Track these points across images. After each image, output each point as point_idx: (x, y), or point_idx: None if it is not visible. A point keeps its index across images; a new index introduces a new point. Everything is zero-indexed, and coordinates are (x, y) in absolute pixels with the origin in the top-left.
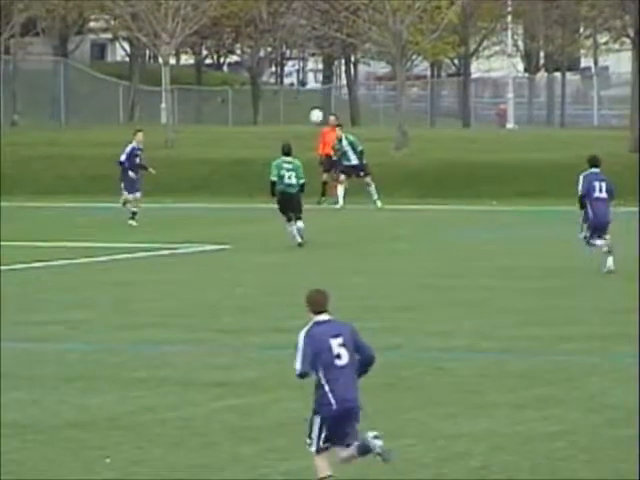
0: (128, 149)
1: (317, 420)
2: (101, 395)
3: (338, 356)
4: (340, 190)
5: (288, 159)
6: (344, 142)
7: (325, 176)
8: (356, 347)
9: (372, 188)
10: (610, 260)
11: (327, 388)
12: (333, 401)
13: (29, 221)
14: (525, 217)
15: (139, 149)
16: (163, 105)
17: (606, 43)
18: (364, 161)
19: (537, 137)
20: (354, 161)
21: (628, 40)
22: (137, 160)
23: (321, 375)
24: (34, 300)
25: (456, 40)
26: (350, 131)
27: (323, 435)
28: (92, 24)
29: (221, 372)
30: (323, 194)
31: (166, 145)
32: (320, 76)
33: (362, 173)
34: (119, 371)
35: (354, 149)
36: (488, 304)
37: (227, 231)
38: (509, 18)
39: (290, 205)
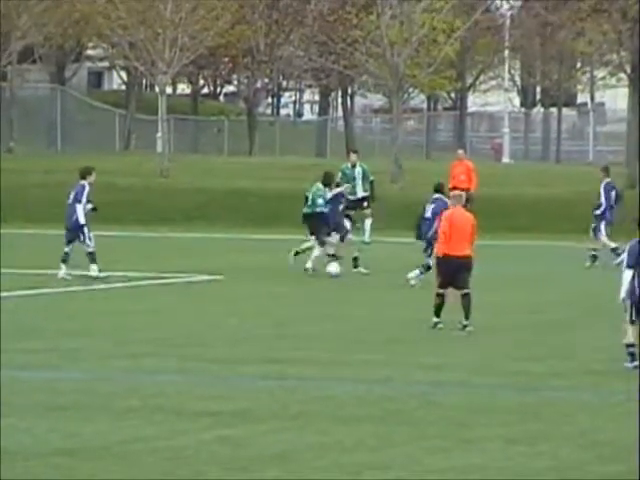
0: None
1: None
2: (92, 423)
3: None
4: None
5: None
6: (357, 169)
7: None
8: None
9: (369, 221)
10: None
11: None
12: None
13: (24, 248)
14: (519, 252)
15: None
16: (159, 134)
17: (603, 79)
18: (374, 192)
19: (532, 172)
20: (360, 193)
21: (625, 76)
22: (340, 207)
23: None
24: (28, 328)
25: (453, 74)
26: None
27: None
28: (89, 52)
29: (213, 402)
30: None
31: (161, 174)
32: (316, 108)
33: (365, 204)
34: (111, 400)
35: (365, 178)
36: (479, 338)
37: (221, 261)
38: (506, 53)
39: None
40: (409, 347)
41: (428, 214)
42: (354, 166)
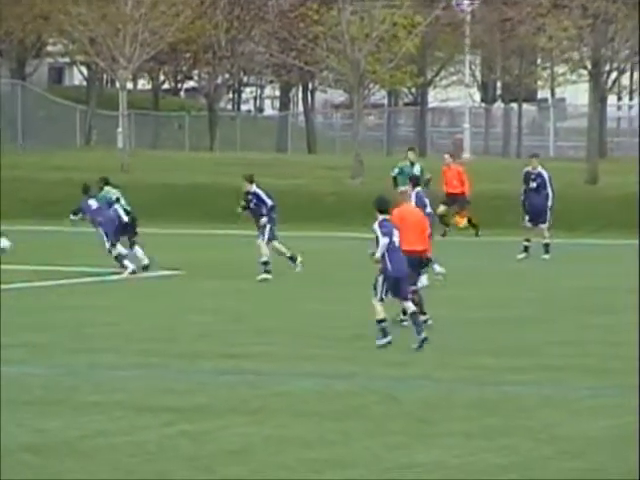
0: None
1: None
2: (57, 418)
3: None
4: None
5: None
6: (416, 167)
7: (442, 209)
8: None
9: None
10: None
11: None
12: None
13: None
14: (479, 247)
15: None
16: (119, 129)
17: (563, 74)
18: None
19: (493, 167)
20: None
21: (585, 72)
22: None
23: None
24: None
25: (414, 70)
26: (306, 159)
27: None
28: (50, 48)
29: (174, 397)
30: (447, 225)
31: (122, 169)
32: (277, 103)
33: None
34: (75, 395)
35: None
36: (442, 334)
37: (181, 256)
38: (467, 48)
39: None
40: (371, 342)
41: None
42: (413, 164)
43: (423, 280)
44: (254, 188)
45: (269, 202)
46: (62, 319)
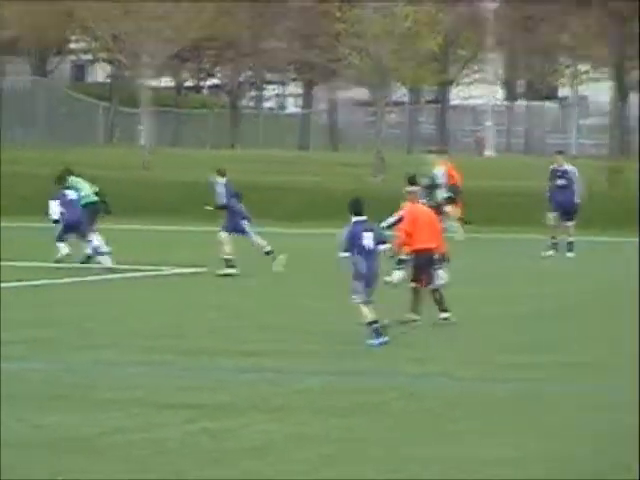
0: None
1: None
2: (59, 414)
3: None
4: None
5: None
6: (440, 171)
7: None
8: None
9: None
10: None
11: None
12: None
13: (10, 242)
14: (498, 244)
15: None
16: (142, 127)
17: (586, 72)
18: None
19: (515, 165)
20: (440, 196)
21: (607, 70)
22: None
23: None
24: None
25: (436, 67)
26: (328, 156)
27: None
28: (72, 45)
29: (192, 395)
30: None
31: (144, 166)
32: (300, 101)
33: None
34: (78, 391)
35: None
36: (461, 331)
37: (202, 254)
38: (490, 46)
39: None
40: (391, 339)
41: None
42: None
43: (443, 276)
44: (222, 182)
45: (222, 201)
46: (64, 315)
